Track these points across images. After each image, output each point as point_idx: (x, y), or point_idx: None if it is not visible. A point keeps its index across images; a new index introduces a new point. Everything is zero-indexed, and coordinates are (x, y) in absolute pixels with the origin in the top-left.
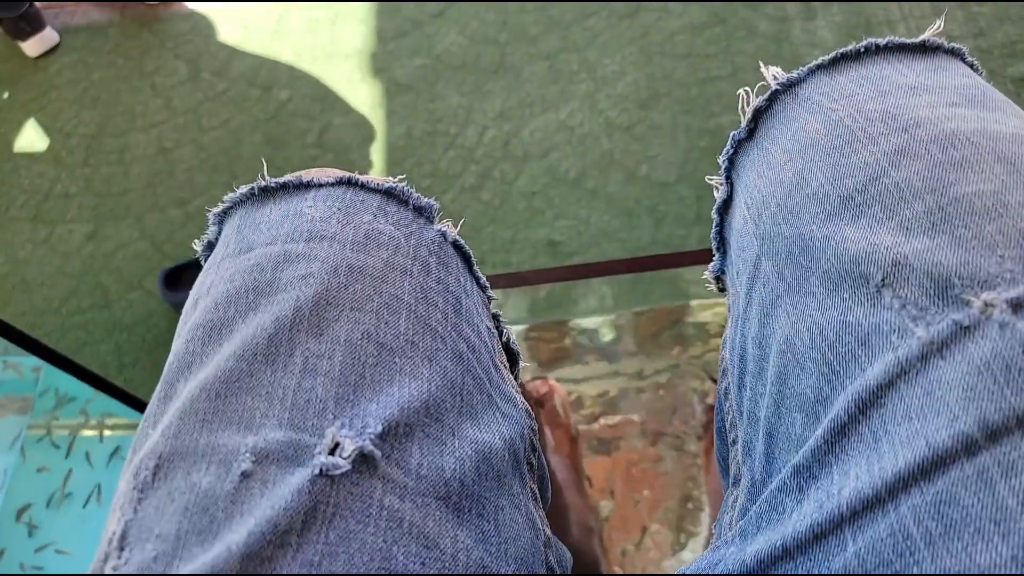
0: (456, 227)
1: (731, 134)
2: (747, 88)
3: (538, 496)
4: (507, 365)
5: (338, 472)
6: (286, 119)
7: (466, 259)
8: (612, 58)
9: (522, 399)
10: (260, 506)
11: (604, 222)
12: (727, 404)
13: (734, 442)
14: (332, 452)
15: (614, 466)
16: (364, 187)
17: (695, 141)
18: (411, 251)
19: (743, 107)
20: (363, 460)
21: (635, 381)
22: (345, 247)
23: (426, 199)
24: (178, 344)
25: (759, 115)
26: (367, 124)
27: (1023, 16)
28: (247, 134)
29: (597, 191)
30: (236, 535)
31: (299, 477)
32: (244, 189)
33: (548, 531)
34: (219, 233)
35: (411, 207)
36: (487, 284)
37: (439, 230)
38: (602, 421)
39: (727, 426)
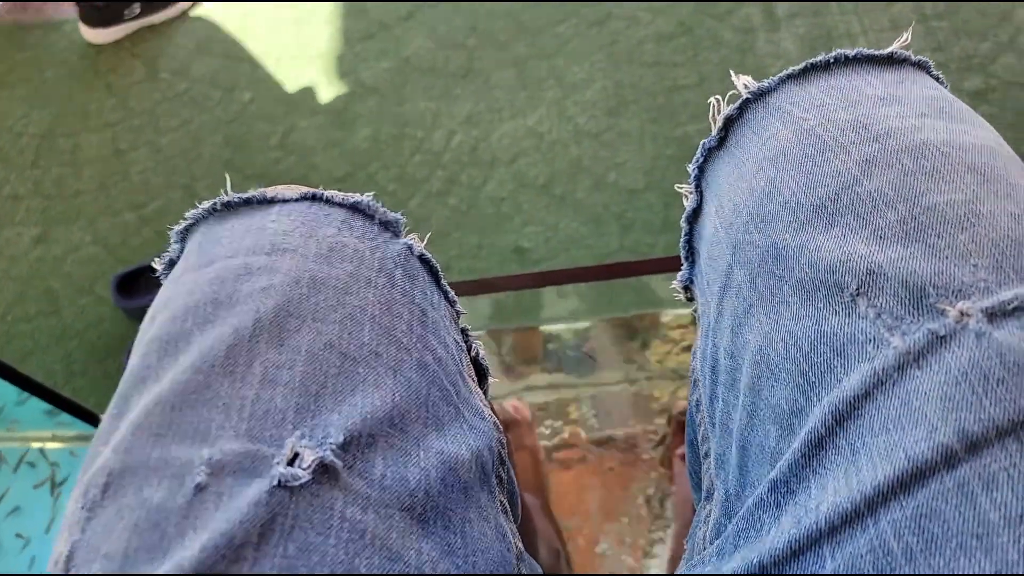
0: (423, 240)
1: (701, 142)
2: (718, 96)
3: (508, 510)
4: (475, 379)
5: (297, 483)
6: (248, 121)
7: (433, 273)
8: (581, 65)
9: (490, 412)
10: (214, 519)
11: (572, 228)
12: (699, 416)
13: (707, 455)
14: (291, 463)
15: (577, 477)
16: (329, 201)
17: (662, 149)
18: (376, 264)
19: (714, 115)
20: (324, 470)
21: (602, 388)
22: (308, 259)
23: (392, 213)
24: (133, 360)
25: (730, 124)
26: (332, 127)
27: (979, 31)
28: (207, 136)
29: (565, 197)
30: (188, 551)
31: (256, 488)
32: (206, 205)
33: (520, 545)
34: (181, 251)
35: (377, 221)
36: (455, 298)
37: (405, 243)
38: (567, 430)
39: (699, 438)
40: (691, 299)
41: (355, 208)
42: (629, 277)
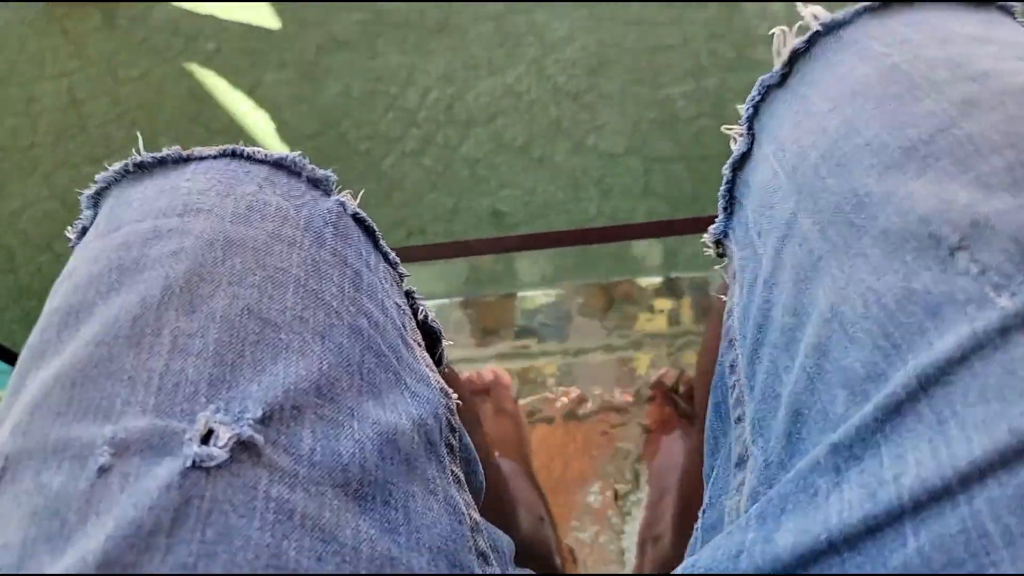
0: (356, 199)
1: (759, 79)
2: (784, 27)
3: (462, 479)
4: (421, 344)
5: (213, 463)
6: (213, 73)
7: (369, 233)
8: (561, 21)
9: (438, 379)
10: (120, 504)
11: (550, 193)
12: (733, 378)
13: (739, 419)
14: (206, 440)
15: (548, 444)
16: (250, 158)
17: (644, 112)
18: (301, 222)
19: (778, 48)
20: (243, 448)
21: (579, 356)
22: (224, 220)
23: (322, 171)
24: (32, 335)
25: (795, 59)
26: (301, 81)
27: None
28: (169, 87)
29: (543, 160)
30: (92, 540)
31: (167, 469)
32: (117, 166)
33: (475, 515)
34: (94, 217)
35: (304, 178)
36: (397, 260)
37: (337, 201)
38: (546, 395)
39: (731, 402)
40: (721, 255)
41: (279, 165)
42: (608, 242)
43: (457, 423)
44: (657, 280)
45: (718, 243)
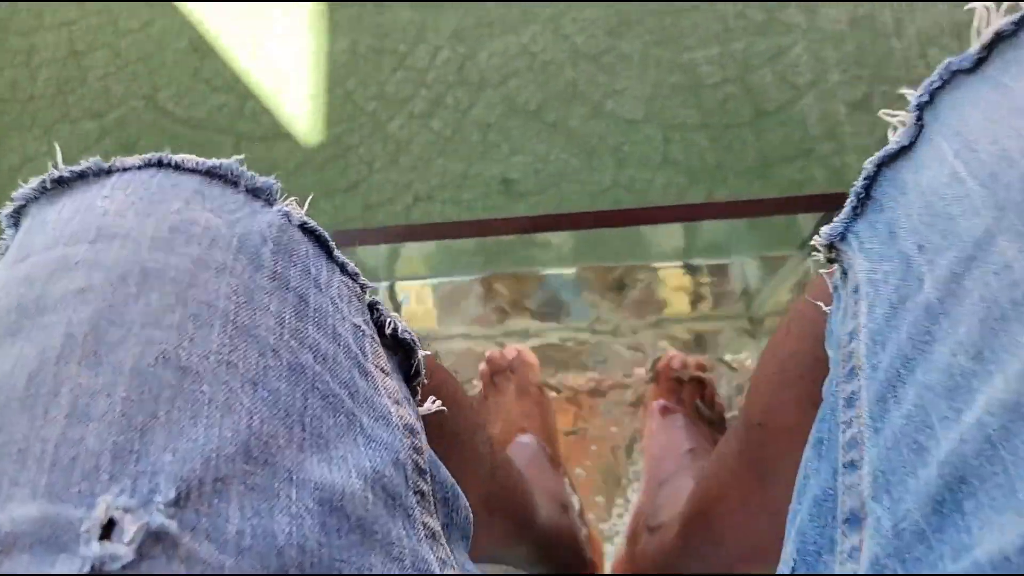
0: (304, 206)
1: (946, 62)
2: (987, 3)
3: (437, 531)
4: (386, 369)
5: (117, 565)
6: (215, 27)
7: (322, 244)
8: None
9: (403, 413)
10: None
11: (563, 161)
12: (850, 413)
13: (853, 465)
14: (107, 533)
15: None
16: (179, 168)
17: (666, 76)
18: (234, 243)
19: (978, 27)
20: (155, 540)
21: (593, 336)
22: (141, 247)
23: (263, 179)
24: None
25: (997, 43)
26: (306, 36)
27: None
28: (170, 40)
29: (558, 125)
30: None
31: (62, 570)
32: (35, 182)
33: (456, 569)
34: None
35: (242, 188)
36: (356, 271)
37: (280, 212)
38: (550, 378)
39: (842, 441)
40: (832, 260)
41: (212, 174)
42: (628, 226)
43: (426, 461)
44: (675, 264)
45: (832, 246)
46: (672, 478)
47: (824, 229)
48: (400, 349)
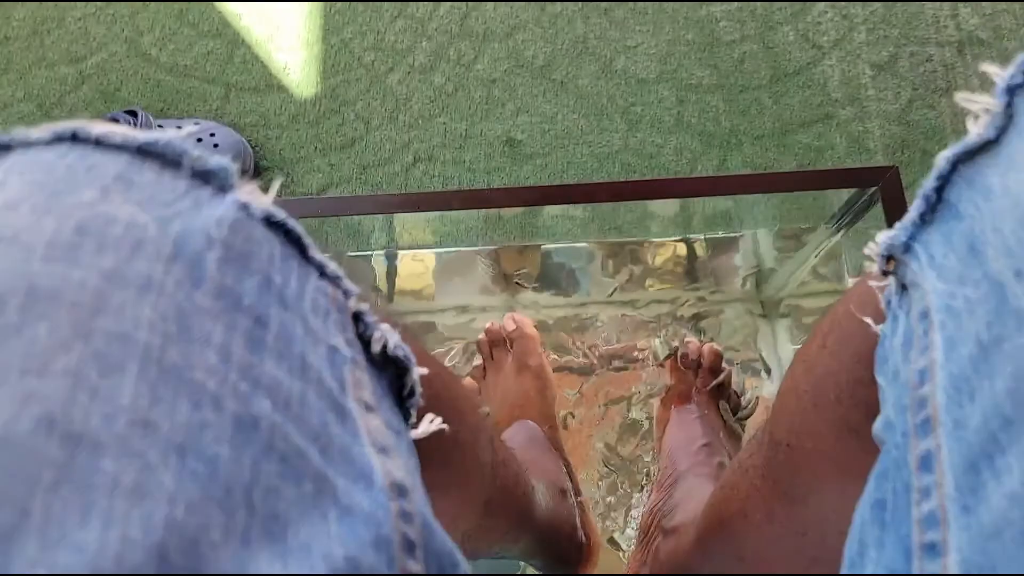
0: (271, 189)
1: None
2: None
3: None
4: (370, 404)
5: None
6: None
7: (294, 241)
8: None
9: (390, 468)
10: None
11: (571, 121)
12: (925, 480)
13: (932, 550)
14: None
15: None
16: (99, 144)
17: (682, 32)
18: (167, 248)
19: None
20: None
21: (594, 309)
22: (32, 255)
23: (216, 159)
24: None
25: None
26: None
27: None
28: None
29: (566, 84)
30: None
31: None
32: None
33: None
34: None
35: (185, 172)
36: (338, 273)
37: (235, 202)
38: (553, 352)
39: (916, 516)
40: (887, 273)
41: (145, 152)
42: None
43: (418, 529)
44: (678, 237)
45: (890, 258)
46: (687, 475)
47: (883, 236)
48: (391, 366)
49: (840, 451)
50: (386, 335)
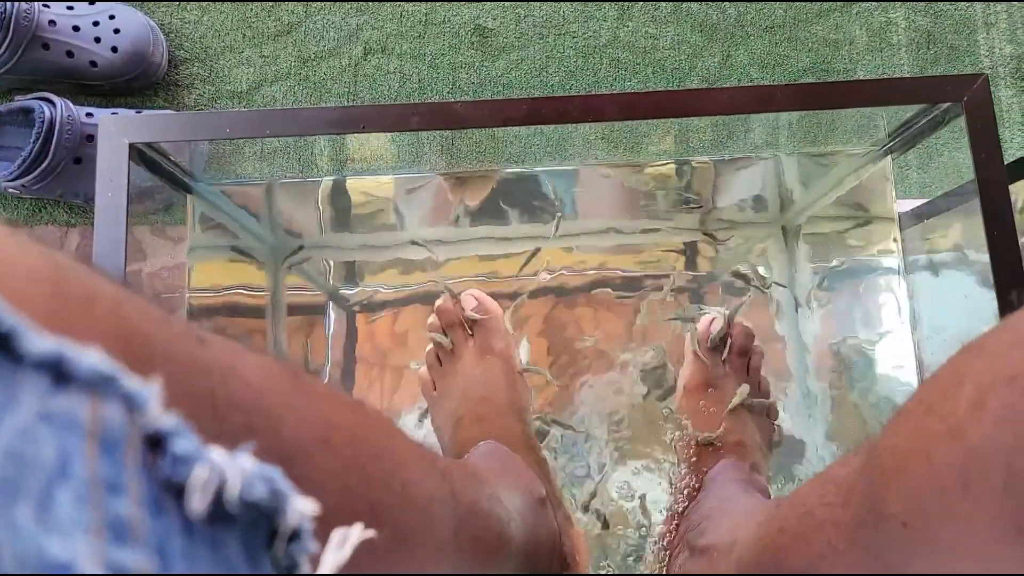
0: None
1: None
2: None
3: None
4: None
5: None
6: None
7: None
8: None
9: None
10: None
11: (551, 7)
12: None
13: None
14: None
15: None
16: None
17: None
18: None
19: None
20: None
21: (582, 241)
22: None
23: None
24: None
25: None
26: None
27: None
28: None
29: None
30: None
31: None
32: None
33: None
34: None
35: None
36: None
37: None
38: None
39: None
40: None
41: None
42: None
43: None
44: (671, 161)
45: None
46: (718, 480)
47: None
48: (251, 509)
49: (999, 556)
50: (227, 477)
